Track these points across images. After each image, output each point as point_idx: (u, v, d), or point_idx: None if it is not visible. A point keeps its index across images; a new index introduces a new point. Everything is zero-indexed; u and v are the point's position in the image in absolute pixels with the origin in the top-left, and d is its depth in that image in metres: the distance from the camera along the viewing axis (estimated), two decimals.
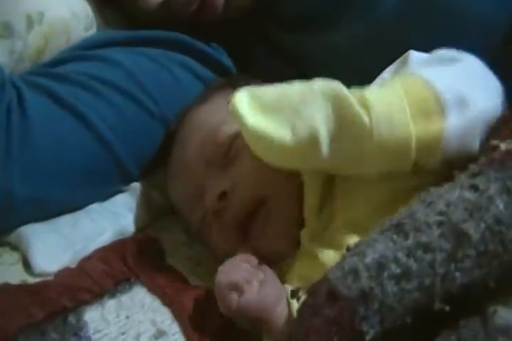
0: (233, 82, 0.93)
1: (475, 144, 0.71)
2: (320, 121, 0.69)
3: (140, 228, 0.91)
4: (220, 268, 0.75)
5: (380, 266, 0.51)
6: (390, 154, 0.70)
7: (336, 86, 0.71)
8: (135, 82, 0.92)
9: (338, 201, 0.78)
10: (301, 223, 0.79)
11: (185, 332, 0.75)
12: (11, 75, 0.88)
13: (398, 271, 0.51)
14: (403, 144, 0.69)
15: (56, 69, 0.91)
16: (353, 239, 0.72)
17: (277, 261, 0.80)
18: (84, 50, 0.95)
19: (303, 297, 0.67)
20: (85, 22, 0.97)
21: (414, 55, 0.79)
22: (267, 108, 0.71)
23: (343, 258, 0.54)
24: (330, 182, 0.80)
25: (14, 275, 0.80)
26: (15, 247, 0.83)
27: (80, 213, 0.88)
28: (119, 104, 0.90)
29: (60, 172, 0.84)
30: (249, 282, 0.73)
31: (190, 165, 0.85)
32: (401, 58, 0.81)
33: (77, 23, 0.96)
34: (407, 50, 0.80)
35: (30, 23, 0.90)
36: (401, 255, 0.51)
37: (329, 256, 0.74)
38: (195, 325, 0.75)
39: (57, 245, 0.83)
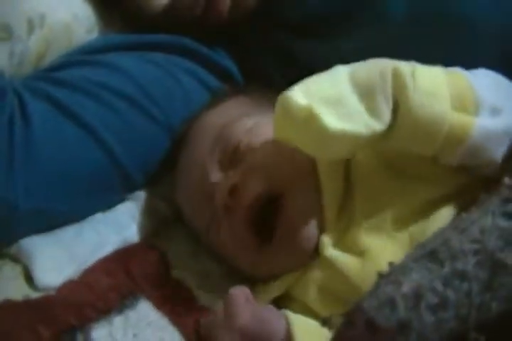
0: (242, 90, 0.93)
1: (497, 154, 0.72)
2: (384, 109, 0.69)
3: (144, 238, 0.88)
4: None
5: (417, 295, 0.49)
6: (419, 132, 0.70)
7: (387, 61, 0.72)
8: (140, 89, 0.89)
9: (356, 204, 0.78)
10: (319, 225, 0.78)
11: None
12: (11, 80, 0.84)
13: (435, 300, 0.49)
14: (436, 125, 0.70)
15: (58, 74, 0.88)
16: (374, 244, 0.74)
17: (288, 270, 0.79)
18: (86, 55, 0.92)
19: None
20: (87, 24, 0.94)
21: None
22: (328, 103, 0.69)
23: (377, 285, 0.52)
24: (348, 182, 0.80)
25: (16, 289, 0.77)
26: (16, 259, 0.80)
27: (83, 224, 0.85)
28: (124, 111, 0.87)
29: (64, 183, 0.81)
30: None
31: (201, 165, 0.83)
32: None
33: (78, 26, 0.93)
34: (417, 60, 0.78)
35: (31, 26, 0.87)
36: (438, 284, 0.50)
37: (352, 264, 0.75)
38: None
39: (60, 258, 0.80)
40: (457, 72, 0.75)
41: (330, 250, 0.77)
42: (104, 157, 0.85)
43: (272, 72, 0.98)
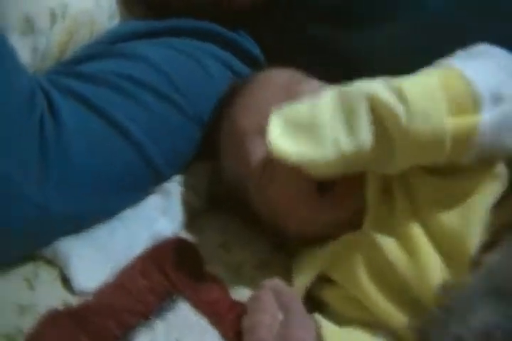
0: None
1: (510, 139, 0.71)
2: (361, 129, 0.70)
3: (175, 231, 0.87)
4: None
5: (486, 335, 0.48)
6: (423, 147, 0.70)
7: (367, 87, 0.72)
8: (166, 79, 0.87)
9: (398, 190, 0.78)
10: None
11: None
12: (36, 77, 0.82)
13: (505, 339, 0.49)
14: (437, 137, 0.69)
15: (83, 68, 0.85)
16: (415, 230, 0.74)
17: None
18: (109, 45, 0.89)
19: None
20: (109, 11, 0.91)
21: None
22: (302, 129, 0.72)
23: (444, 323, 0.51)
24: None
25: (54, 294, 0.76)
26: (51, 262, 0.79)
27: (114, 222, 0.83)
28: (151, 104, 0.85)
29: (96, 183, 0.79)
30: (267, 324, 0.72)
31: (266, 108, 0.79)
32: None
33: (100, 13, 0.90)
34: (452, 51, 0.78)
35: (53, 17, 0.84)
36: (506, 323, 0.49)
37: (393, 245, 0.75)
38: None
39: (96, 260, 0.79)
40: (452, 68, 0.73)
41: (374, 231, 0.76)
42: (135, 153, 0.83)
43: (299, 60, 0.95)
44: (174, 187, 0.90)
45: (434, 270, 0.73)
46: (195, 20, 0.95)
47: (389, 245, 0.76)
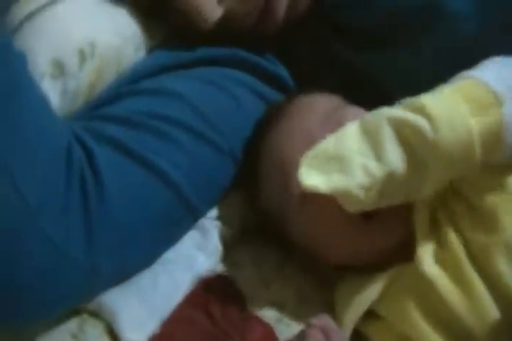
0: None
1: None
2: (388, 152, 0.70)
3: (213, 267, 0.85)
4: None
5: None
6: (455, 156, 0.70)
7: (386, 111, 0.72)
8: (200, 115, 0.84)
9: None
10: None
11: None
12: (70, 124, 0.78)
13: None
14: (466, 140, 0.69)
15: (114, 110, 0.82)
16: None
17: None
18: (136, 81, 0.86)
19: None
20: (134, 42, 0.87)
21: None
22: (330, 160, 0.72)
23: None
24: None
25: None
26: (95, 315, 0.78)
27: (156, 268, 0.81)
28: (187, 144, 0.82)
29: (141, 234, 0.77)
30: None
31: (309, 134, 0.80)
32: None
33: (127, 46, 0.86)
34: None
35: (82, 58, 0.81)
36: None
37: (445, 280, 0.74)
38: None
39: (142, 312, 0.77)
40: (467, 78, 0.74)
41: (428, 266, 0.75)
42: (174, 197, 0.80)
43: (328, 84, 0.93)
44: (208, 220, 0.88)
45: (490, 306, 0.72)
46: (220, 45, 0.91)
47: (441, 279, 0.74)
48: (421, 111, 0.70)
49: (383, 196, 0.72)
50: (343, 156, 0.71)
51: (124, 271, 0.78)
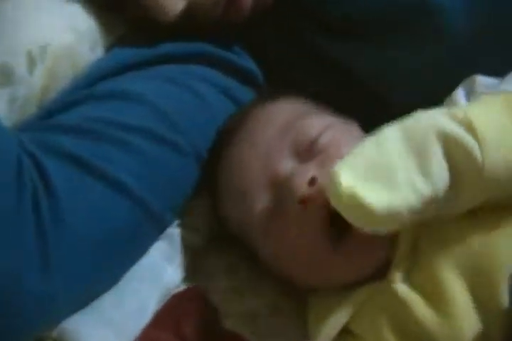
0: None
1: None
2: (436, 169, 0.65)
3: (183, 278, 0.81)
4: None
5: None
6: (501, 181, 0.66)
7: (433, 121, 0.67)
8: (160, 117, 0.78)
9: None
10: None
11: None
12: (18, 136, 0.71)
13: None
14: None
15: (66, 118, 0.75)
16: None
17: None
18: (94, 83, 0.79)
19: None
20: (90, 39, 0.80)
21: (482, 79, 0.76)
22: (373, 174, 0.65)
23: None
24: None
25: None
26: None
27: (121, 285, 0.76)
28: (149, 151, 0.76)
29: (101, 254, 0.72)
30: None
31: (265, 153, 0.75)
32: (467, 82, 0.77)
33: (82, 44, 0.79)
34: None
35: (31, 61, 0.73)
36: None
37: (420, 301, 0.70)
38: None
39: (107, 335, 0.72)
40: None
41: (401, 285, 0.71)
42: (137, 209, 0.74)
43: (303, 77, 0.88)
44: (175, 229, 0.82)
45: (468, 328, 0.68)
46: (185, 40, 0.85)
47: (415, 300, 0.70)
48: (468, 126, 0.66)
49: (417, 214, 0.66)
50: (387, 167, 0.65)
51: (86, 296, 0.73)
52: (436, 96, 0.77)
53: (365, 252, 0.72)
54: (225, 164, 0.80)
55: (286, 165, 0.74)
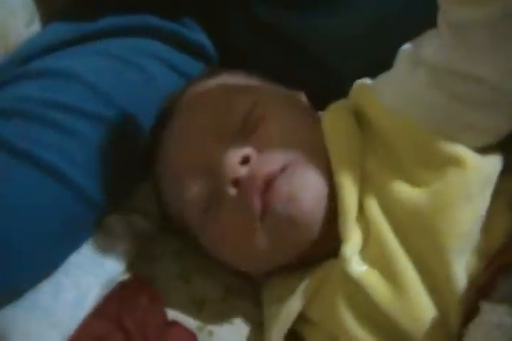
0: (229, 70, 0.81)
1: None
2: None
3: (128, 265, 0.77)
4: None
5: None
6: None
7: None
8: (102, 96, 0.74)
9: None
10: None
11: None
12: None
13: None
14: None
15: None
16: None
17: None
18: (29, 60, 0.75)
19: None
20: (25, 14, 0.76)
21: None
22: None
23: None
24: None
25: None
26: None
27: (58, 275, 0.72)
28: (87, 133, 0.72)
29: (35, 240, 0.69)
30: None
31: (198, 137, 0.72)
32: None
33: (15, 19, 0.75)
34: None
35: None
36: None
37: (374, 280, 0.67)
38: None
39: (41, 327, 0.69)
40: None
41: (354, 266, 0.68)
42: (74, 197, 0.71)
43: (251, 48, 0.84)
44: (117, 216, 0.79)
45: (425, 306, 0.66)
46: (129, 12, 0.81)
47: (369, 279, 0.67)
48: None
49: None
50: None
51: (20, 287, 0.70)
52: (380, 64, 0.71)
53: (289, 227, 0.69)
54: (160, 151, 0.76)
55: (219, 148, 0.70)
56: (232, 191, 0.68)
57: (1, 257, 0.66)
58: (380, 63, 0.69)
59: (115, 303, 0.74)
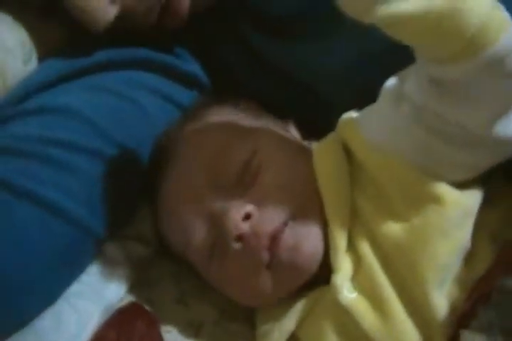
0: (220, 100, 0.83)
1: None
2: None
3: (127, 291, 0.80)
4: None
5: None
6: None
7: None
8: (98, 132, 0.77)
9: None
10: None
11: None
12: None
13: None
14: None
15: None
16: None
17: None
18: (27, 97, 0.77)
19: None
20: (22, 53, 0.79)
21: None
22: None
23: None
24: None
25: None
26: None
27: (60, 305, 0.75)
28: (85, 169, 0.75)
29: (39, 278, 0.71)
30: None
31: (195, 192, 0.74)
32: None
33: (12, 59, 0.78)
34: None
35: None
36: None
37: (363, 308, 0.70)
38: None
39: None
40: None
41: (345, 294, 0.71)
42: (74, 231, 0.74)
43: (243, 76, 0.86)
44: (118, 243, 0.82)
45: (409, 332, 0.68)
46: (121, 46, 0.83)
47: (357, 306, 0.70)
48: None
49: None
50: None
51: (23, 319, 0.73)
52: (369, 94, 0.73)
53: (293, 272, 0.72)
54: (161, 197, 0.78)
55: (219, 200, 0.72)
56: (237, 246, 0.71)
57: (1, 292, 0.69)
58: (369, 94, 0.71)
59: (114, 329, 0.77)
